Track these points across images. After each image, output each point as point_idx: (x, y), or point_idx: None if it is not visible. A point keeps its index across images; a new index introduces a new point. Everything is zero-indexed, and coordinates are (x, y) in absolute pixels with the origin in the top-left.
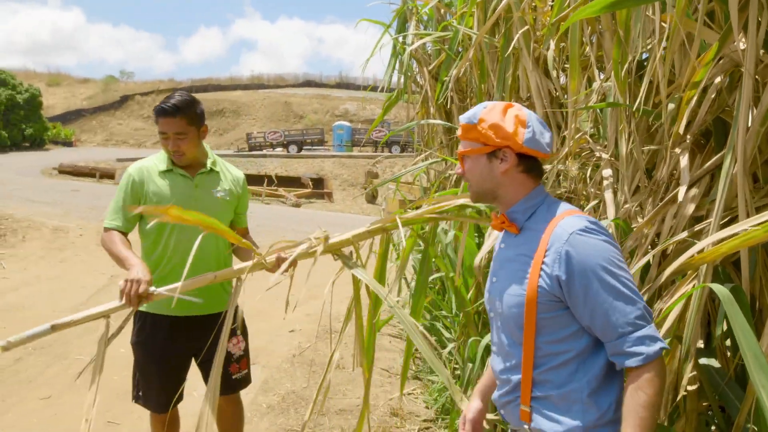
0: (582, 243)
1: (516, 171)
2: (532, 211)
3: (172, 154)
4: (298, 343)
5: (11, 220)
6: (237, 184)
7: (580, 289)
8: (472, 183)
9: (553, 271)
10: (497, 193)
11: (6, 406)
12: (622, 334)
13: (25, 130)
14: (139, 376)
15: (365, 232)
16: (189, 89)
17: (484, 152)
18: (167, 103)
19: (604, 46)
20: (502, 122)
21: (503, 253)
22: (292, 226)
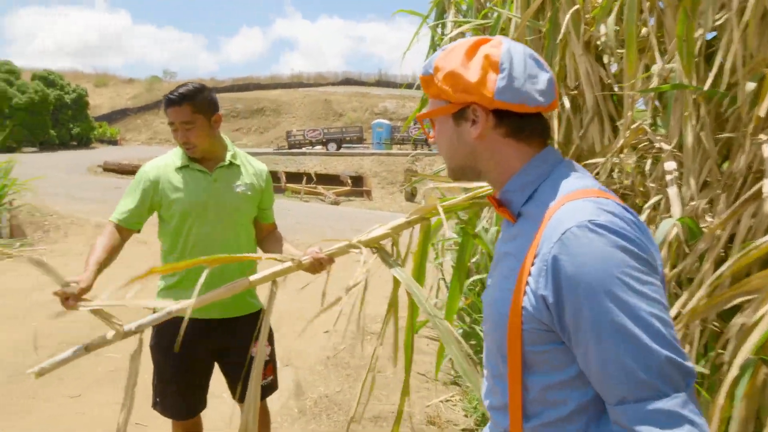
0: (578, 247)
1: (496, 135)
2: (532, 188)
3: (183, 146)
4: (332, 345)
5: (56, 216)
6: (260, 178)
7: (570, 318)
8: (444, 155)
9: (538, 288)
10: (478, 168)
11: (35, 403)
12: (623, 399)
13: (73, 129)
14: (157, 381)
15: (404, 222)
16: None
17: (449, 113)
18: (174, 92)
19: (665, 24)
20: (464, 68)
21: (498, 247)
22: (330, 223)
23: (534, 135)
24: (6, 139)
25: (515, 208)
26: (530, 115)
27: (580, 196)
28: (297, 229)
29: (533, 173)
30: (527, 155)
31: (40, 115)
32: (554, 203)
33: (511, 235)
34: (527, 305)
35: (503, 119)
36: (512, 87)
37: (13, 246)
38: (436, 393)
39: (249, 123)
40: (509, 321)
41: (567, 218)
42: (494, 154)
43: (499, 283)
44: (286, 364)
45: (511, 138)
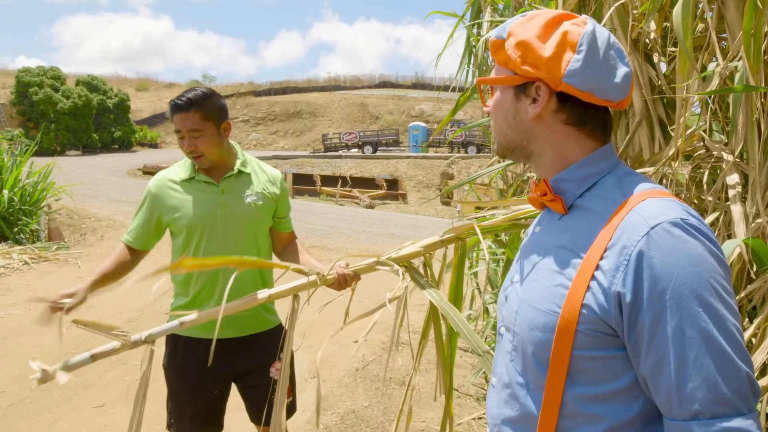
0: (670, 245)
1: (554, 119)
2: (591, 182)
3: (190, 155)
4: (362, 356)
5: (93, 219)
6: (274, 185)
7: (648, 320)
8: (495, 129)
9: (613, 284)
10: (529, 149)
11: (60, 413)
12: (697, 413)
13: (114, 133)
14: (171, 403)
15: (438, 241)
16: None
17: (512, 84)
18: (181, 97)
19: (726, 18)
20: (539, 40)
21: (536, 240)
22: (365, 227)
23: (597, 128)
24: (51, 142)
25: (569, 200)
26: (596, 107)
27: (661, 194)
28: (331, 232)
29: (596, 167)
30: (589, 147)
31: (84, 119)
32: (627, 199)
33: (561, 228)
34: (591, 303)
35: (566, 104)
36: (585, 72)
37: (49, 249)
38: (468, 409)
39: (286, 126)
40: (561, 320)
41: (655, 213)
42: (551, 139)
43: (545, 277)
44: (314, 376)
45: (572, 127)
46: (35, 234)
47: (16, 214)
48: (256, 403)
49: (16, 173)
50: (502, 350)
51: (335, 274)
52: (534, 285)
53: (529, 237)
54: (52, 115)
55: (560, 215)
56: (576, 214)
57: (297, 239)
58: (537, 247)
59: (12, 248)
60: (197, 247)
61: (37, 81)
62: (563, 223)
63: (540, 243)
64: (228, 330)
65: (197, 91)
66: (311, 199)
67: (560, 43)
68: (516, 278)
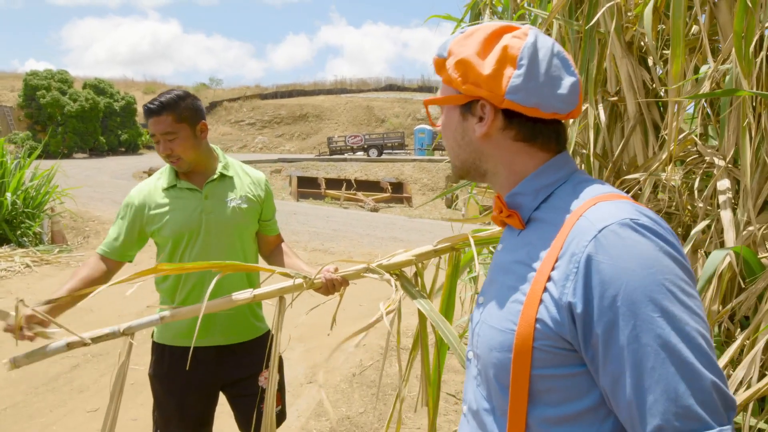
0: (619, 248)
1: (503, 137)
2: (547, 193)
3: (167, 159)
4: (360, 361)
5: (96, 222)
6: (258, 187)
7: (601, 330)
8: (448, 150)
9: (563, 294)
10: (482, 168)
11: (54, 417)
12: (659, 428)
13: (121, 136)
14: (158, 413)
15: (431, 251)
16: (274, 95)
17: (456, 104)
18: (153, 101)
19: (719, 20)
20: (478, 58)
21: (497, 259)
22: (369, 231)
23: (549, 142)
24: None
25: (525, 213)
26: (545, 120)
27: (613, 197)
28: (334, 236)
29: (550, 177)
30: (542, 159)
31: (90, 122)
32: (579, 206)
33: (519, 243)
34: (545, 317)
35: (513, 121)
36: (528, 87)
37: (52, 252)
38: None
39: (291, 129)
40: (516, 338)
41: (603, 216)
42: (502, 157)
43: (502, 295)
44: (310, 381)
45: (522, 143)
46: (38, 237)
47: (19, 216)
48: (245, 413)
49: (19, 176)
50: (470, 376)
51: (322, 279)
52: (492, 304)
53: (494, 256)
54: (60, 118)
55: (519, 231)
56: (533, 227)
57: (284, 242)
58: (497, 266)
59: (14, 251)
60: (183, 254)
61: (45, 84)
62: (522, 238)
63: (500, 261)
64: (216, 338)
65: (170, 94)
66: (316, 202)
67: (500, 59)
68: (481, 299)
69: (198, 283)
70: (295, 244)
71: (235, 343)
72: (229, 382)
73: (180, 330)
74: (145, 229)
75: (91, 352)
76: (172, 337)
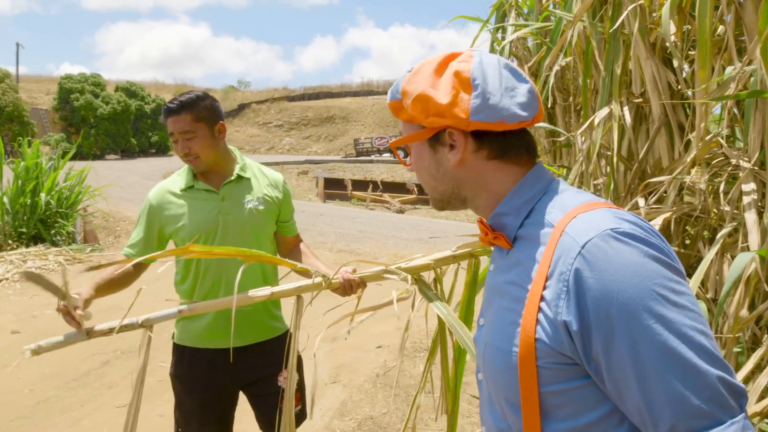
0: (604, 261)
1: (477, 158)
2: (528, 208)
3: (185, 159)
4: (383, 361)
5: (128, 221)
6: (276, 189)
7: (600, 345)
8: (424, 185)
9: (558, 314)
10: (462, 195)
11: (84, 412)
12: (672, 428)
13: (151, 138)
14: (179, 413)
15: (449, 256)
16: (301, 97)
17: (424, 138)
18: (173, 101)
19: (744, 20)
20: (433, 90)
21: (491, 280)
22: (395, 232)
23: (521, 153)
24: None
25: (510, 233)
26: (513, 132)
27: (591, 207)
28: (360, 237)
29: (528, 193)
30: (518, 175)
31: (122, 124)
32: (561, 219)
33: (508, 263)
34: (543, 336)
35: (484, 140)
36: (488, 104)
37: (84, 251)
38: None
39: (318, 131)
40: (519, 358)
41: (584, 230)
42: (480, 179)
43: (501, 316)
44: (334, 381)
45: (495, 160)
46: (71, 236)
47: (53, 216)
48: (266, 413)
49: (54, 176)
50: (483, 398)
51: (340, 279)
52: (493, 326)
53: (488, 276)
54: (92, 120)
55: (507, 250)
56: (520, 245)
57: (303, 242)
58: (492, 287)
59: (48, 250)
60: (200, 258)
61: (79, 87)
62: (510, 257)
63: (494, 283)
64: (234, 339)
65: (189, 94)
66: (342, 203)
67: (454, 85)
68: (481, 321)
69: (215, 283)
70: (321, 244)
71: (254, 344)
72: (249, 383)
73: (199, 332)
74: (164, 230)
75: (121, 349)
76: (192, 339)
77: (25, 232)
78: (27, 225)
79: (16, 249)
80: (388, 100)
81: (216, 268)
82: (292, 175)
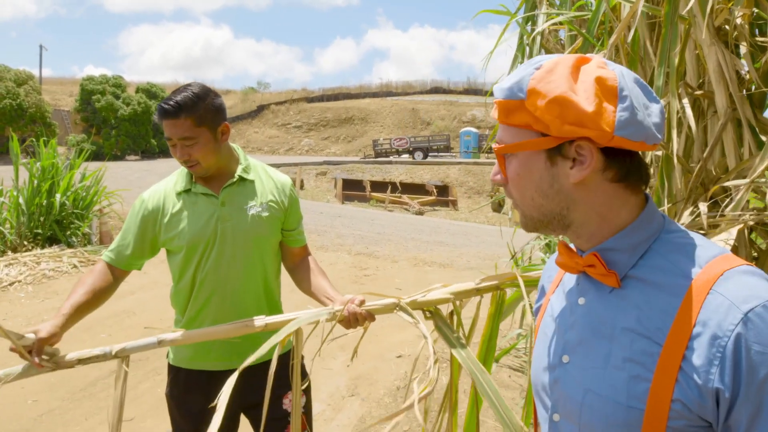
0: None
1: (600, 179)
2: (644, 248)
3: (184, 164)
4: (404, 373)
5: None
6: (282, 193)
7: (746, 413)
8: (522, 201)
9: (708, 381)
10: (569, 219)
11: (90, 425)
12: None
13: None
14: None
15: (472, 289)
16: (320, 98)
17: (543, 148)
18: (168, 100)
19: None
20: (573, 94)
21: (586, 315)
22: (414, 234)
23: (640, 180)
24: (111, 147)
25: (622, 270)
26: (631, 155)
27: (733, 263)
28: (379, 239)
29: (646, 231)
30: (634, 206)
31: (143, 125)
32: (700, 273)
33: (617, 304)
34: (683, 399)
35: (613, 160)
36: (636, 120)
37: (99, 252)
38: None
39: (337, 132)
40: (647, 417)
41: (745, 297)
42: (596, 203)
43: (618, 365)
44: (352, 393)
45: (618, 183)
46: (87, 237)
47: (69, 217)
48: None
49: (69, 176)
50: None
51: (346, 312)
52: (600, 373)
53: (572, 308)
54: (113, 121)
55: (611, 288)
56: (633, 287)
57: (311, 255)
58: (590, 324)
59: (63, 251)
60: (198, 266)
61: (100, 89)
62: (620, 298)
63: (593, 319)
64: (233, 360)
65: (187, 93)
66: (361, 204)
67: (597, 93)
68: (566, 358)
69: (206, 300)
70: (339, 247)
71: (255, 364)
72: (249, 406)
73: (193, 353)
74: (158, 238)
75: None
76: (187, 360)
77: (40, 233)
78: (42, 226)
79: (31, 250)
80: (499, 98)
81: (215, 281)
82: (311, 176)
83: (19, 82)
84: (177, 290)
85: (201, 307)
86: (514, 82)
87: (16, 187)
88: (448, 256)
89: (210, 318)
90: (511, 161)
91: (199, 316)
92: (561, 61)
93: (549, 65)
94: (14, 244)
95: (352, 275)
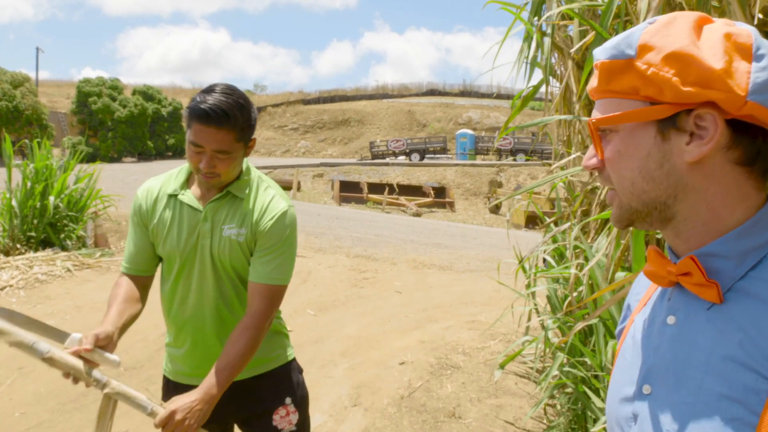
0: None
1: (722, 160)
2: (758, 257)
3: (204, 174)
4: (408, 380)
5: None
6: (268, 218)
7: None
8: (620, 185)
9: None
10: (672, 210)
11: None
12: None
13: (168, 141)
14: None
15: None
16: (316, 100)
17: (654, 118)
18: (210, 102)
19: None
20: (696, 48)
21: (677, 338)
22: (412, 236)
23: (765, 172)
24: (108, 149)
25: (726, 282)
26: (766, 134)
27: None
28: (378, 241)
29: (760, 236)
30: (752, 202)
31: (139, 128)
32: None
33: (716, 325)
34: None
35: (742, 137)
36: None
37: (93, 256)
38: None
39: (334, 134)
40: None
41: None
42: (711, 192)
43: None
44: (355, 404)
45: (741, 168)
46: (81, 240)
47: (63, 220)
48: None
49: (63, 179)
50: None
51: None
52: (692, 411)
53: (659, 329)
54: (110, 123)
55: (711, 303)
56: (738, 302)
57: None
58: (679, 348)
59: (56, 254)
60: (176, 280)
61: (97, 91)
62: (721, 317)
63: (684, 343)
64: None
65: (230, 100)
66: (358, 206)
67: (727, 50)
68: (647, 389)
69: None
70: (337, 249)
71: (245, 378)
72: (240, 421)
73: (180, 368)
74: (149, 234)
75: (124, 365)
76: (176, 374)
77: (34, 236)
78: (36, 229)
79: (24, 254)
80: (603, 58)
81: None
82: (308, 178)
83: (15, 84)
84: (161, 294)
85: (180, 327)
86: (622, 38)
87: (8, 189)
88: (448, 258)
89: (186, 339)
90: (610, 139)
91: (181, 334)
92: (680, 16)
93: (665, 19)
94: (6, 248)
95: (351, 278)
